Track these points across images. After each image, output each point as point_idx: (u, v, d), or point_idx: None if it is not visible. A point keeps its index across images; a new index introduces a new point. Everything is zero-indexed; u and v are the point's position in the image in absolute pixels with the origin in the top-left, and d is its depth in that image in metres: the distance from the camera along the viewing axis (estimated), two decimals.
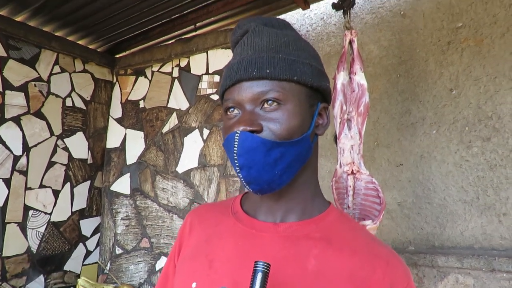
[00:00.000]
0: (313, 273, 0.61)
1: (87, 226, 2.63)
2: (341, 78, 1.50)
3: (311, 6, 2.29)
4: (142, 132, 2.67)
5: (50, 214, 2.39)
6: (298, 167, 0.66)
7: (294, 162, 0.64)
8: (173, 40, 2.62)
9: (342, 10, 1.62)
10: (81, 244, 2.58)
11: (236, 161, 0.62)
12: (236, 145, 0.61)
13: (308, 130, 0.66)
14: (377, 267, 0.61)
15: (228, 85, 0.67)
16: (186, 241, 0.77)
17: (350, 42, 1.56)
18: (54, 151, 2.42)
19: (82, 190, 2.62)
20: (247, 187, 0.64)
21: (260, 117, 0.63)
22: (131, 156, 2.68)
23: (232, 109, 0.66)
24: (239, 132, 0.61)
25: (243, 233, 0.68)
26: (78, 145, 2.60)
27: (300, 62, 0.66)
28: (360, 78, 1.50)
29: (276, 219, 0.69)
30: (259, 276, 0.51)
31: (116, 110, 2.81)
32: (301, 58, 0.66)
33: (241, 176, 0.63)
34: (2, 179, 2.13)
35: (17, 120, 2.21)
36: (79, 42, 2.61)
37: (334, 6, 1.64)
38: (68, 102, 2.54)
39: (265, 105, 0.63)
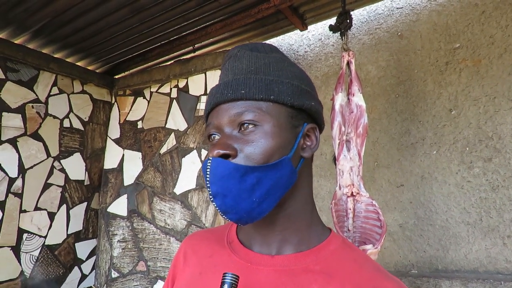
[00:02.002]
0: None
1: (82, 249, 2.58)
2: (339, 99, 1.49)
3: (309, 27, 2.31)
4: (140, 153, 2.65)
5: (45, 237, 2.34)
6: (281, 194, 0.61)
7: (275, 188, 0.60)
8: (172, 61, 2.63)
9: (339, 32, 1.63)
10: (76, 268, 2.53)
11: (209, 189, 0.59)
12: (208, 172, 0.58)
13: (289, 152, 0.62)
14: None
15: (208, 110, 0.66)
16: (180, 272, 0.73)
17: (348, 63, 1.56)
18: (50, 173, 2.39)
19: (79, 212, 2.58)
20: (224, 216, 0.60)
21: (237, 140, 0.60)
22: (129, 177, 2.65)
23: (213, 135, 0.64)
24: (211, 159, 0.58)
25: (238, 266, 0.64)
26: (75, 166, 2.57)
27: (279, 81, 0.63)
28: (358, 99, 1.49)
29: (272, 251, 0.65)
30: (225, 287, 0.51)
31: (114, 131, 2.80)
32: (281, 78, 0.64)
33: (215, 205, 0.59)
34: None
35: (13, 142, 2.19)
36: (78, 64, 2.62)
37: (331, 28, 1.64)
38: (66, 123, 2.52)
39: (242, 128, 0.61)
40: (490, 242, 1.70)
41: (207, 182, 0.59)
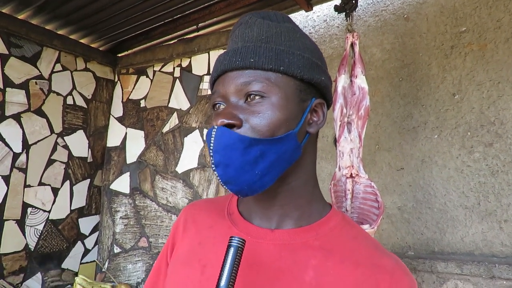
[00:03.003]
0: (311, 287, 0.57)
1: (86, 224, 2.63)
2: (342, 81, 1.49)
3: (314, 8, 2.28)
4: (142, 132, 2.66)
5: (49, 212, 2.38)
6: (283, 168, 0.60)
7: (278, 162, 0.59)
8: (175, 40, 2.61)
9: (344, 13, 1.61)
10: (79, 243, 2.58)
11: (212, 158, 0.58)
12: (212, 141, 0.58)
13: (295, 127, 0.60)
14: (380, 281, 0.58)
15: (214, 77, 0.64)
16: (179, 240, 0.73)
17: (352, 45, 1.55)
18: (54, 149, 2.42)
19: (82, 188, 2.62)
20: (224, 187, 0.60)
21: (243, 111, 0.59)
22: (131, 155, 2.67)
23: (219, 104, 0.63)
24: (216, 127, 0.58)
25: None
26: (78, 143, 2.60)
27: (290, 52, 0.61)
28: (361, 81, 1.49)
29: (272, 225, 0.65)
30: (232, 251, 0.51)
31: (117, 109, 2.81)
32: (292, 49, 0.62)
33: (217, 175, 0.59)
34: (1, 176, 2.13)
35: (17, 117, 2.21)
36: (81, 41, 2.61)
37: (337, 8, 1.63)
38: (69, 100, 2.54)
39: (249, 98, 0.59)
40: (487, 226, 1.72)
41: (210, 151, 0.58)
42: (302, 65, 0.61)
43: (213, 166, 0.59)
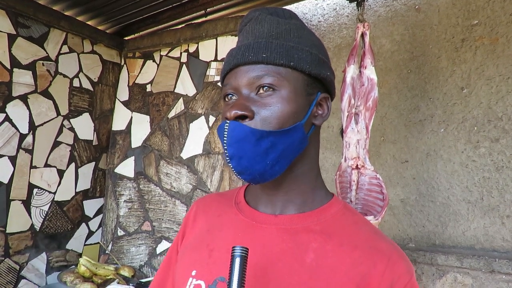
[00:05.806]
0: (311, 267, 0.61)
1: (90, 206, 2.66)
2: (351, 71, 1.48)
3: None
4: (148, 116, 2.67)
5: (54, 193, 2.41)
6: (292, 158, 0.65)
7: (287, 152, 0.63)
8: (183, 25, 2.59)
9: (355, 2, 1.59)
10: (83, 224, 2.61)
11: (226, 151, 0.62)
12: (225, 135, 0.61)
13: (302, 119, 0.64)
14: (377, 262, 0.61)
15: (227, 70, 0.67)
16: (189, 230, 0.78)
17: (362, 35, 1.53)
18: (60, 131, 2.43)
19: (87, 171, 2.63)
20: (238, 177, 0.64)
21: (254, 103, 0.62)
22: (136, 140, 2.68)
23: (230, 95, 0.66)
24: (228, 122, 0.61)
25: (243, 224, 0.69)
26: (84, 126, 2.60)
27: (299, 48, 0.65)
28: (370, 72, 1.48)
29: (276, 211, 0.69)
30: (237, 261, 0.52)
31: (123, 93, 2.81)
32: (301, 45, 0.65)
33: (231, 166, 0.63)
34: (8, 156, 2.14)
35: (24, 98, 2.21)
36: (88, 23, 2.59)
37: None
38: (76, 83, 2.53)
39: (261, 91, 0.63)
40: (489, 220, 1.73)
41: (224, 145, 0.62)
42: (311, 61, 0.65)
43: (227, 158, 0.62)
